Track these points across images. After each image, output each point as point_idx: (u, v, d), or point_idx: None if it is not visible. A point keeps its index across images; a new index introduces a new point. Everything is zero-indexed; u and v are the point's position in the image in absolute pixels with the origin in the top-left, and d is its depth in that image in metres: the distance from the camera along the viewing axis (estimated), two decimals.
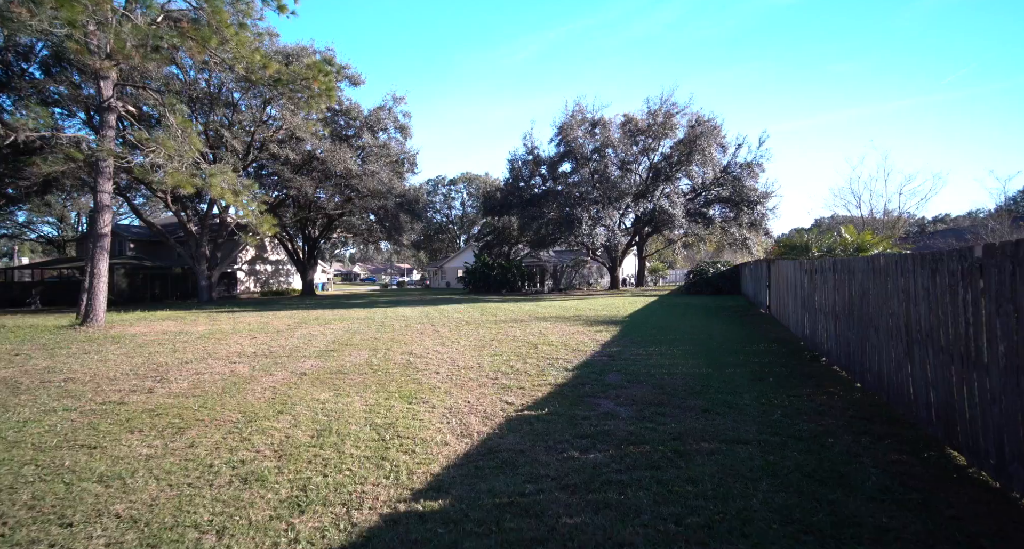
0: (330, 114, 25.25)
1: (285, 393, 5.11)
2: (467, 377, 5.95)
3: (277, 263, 40.44)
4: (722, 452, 3.38)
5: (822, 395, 5.00)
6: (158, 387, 5.50)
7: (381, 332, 10.59)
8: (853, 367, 5.69)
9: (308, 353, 7.80)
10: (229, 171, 12.30)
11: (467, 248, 47.27)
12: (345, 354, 7.71)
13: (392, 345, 8.65)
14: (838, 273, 6.39)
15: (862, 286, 5.43)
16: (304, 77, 13.88)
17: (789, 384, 5.49)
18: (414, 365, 6.72)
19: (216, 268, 25.66)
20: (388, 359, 7.22)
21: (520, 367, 6.51)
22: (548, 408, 4.53)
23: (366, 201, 27.79)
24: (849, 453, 3.36)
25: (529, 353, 7.57)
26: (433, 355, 7.53)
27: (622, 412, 4.40)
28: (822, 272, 7.23)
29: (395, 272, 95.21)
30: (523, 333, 9.98)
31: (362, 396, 4.99)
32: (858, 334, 5.50)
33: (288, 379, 5.86)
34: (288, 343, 9.04)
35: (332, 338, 9.72)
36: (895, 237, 12.11)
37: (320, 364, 6.81)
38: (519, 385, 5.49)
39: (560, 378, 5.84)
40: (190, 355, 7.67)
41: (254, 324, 12.81)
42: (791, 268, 9.92)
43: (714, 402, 4.71)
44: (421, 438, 3.72)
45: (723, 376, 5.91)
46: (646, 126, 28.06)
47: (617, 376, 5.94)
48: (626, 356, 7.26)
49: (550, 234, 28.21)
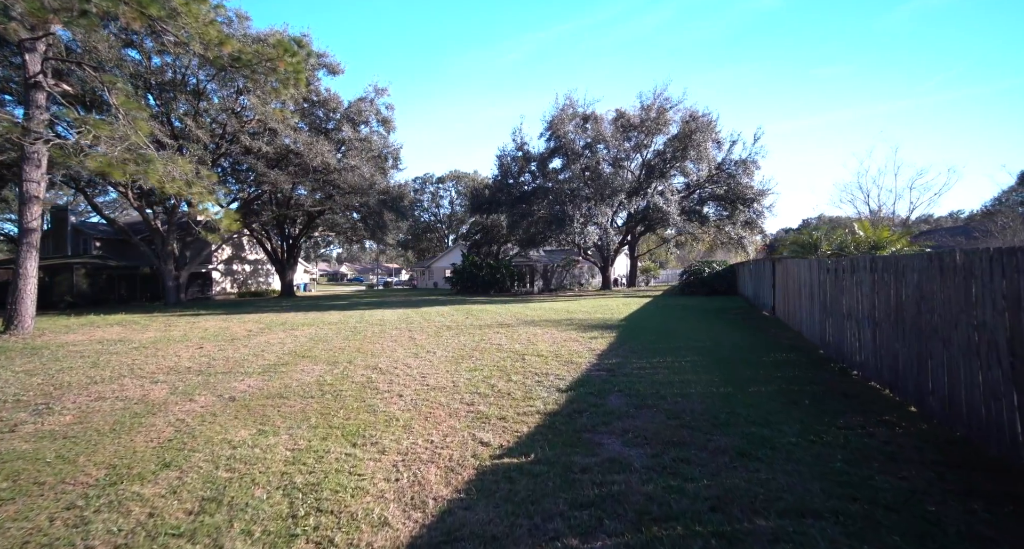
0: (307, 105, 23.83)
1: (191, 431, 3.92)
2: (436, 402, 4.82)
3: (256, 263, 38.75)
4: (789, 536, 2.30)
5: (878, 426, 3.98)
6: (30, 421, 4.27)
7: (349, 340, 9.39)
8: (904, 386, 4.69)
9: (252, 368, 6.59)
10: (181, 160, 10.97)
11: (455, 247, 46.03)
12: (297, 369, 6.52)
13: (356, 357, 7.47)
14: (878, 273, 5.40)
15: (919, 289, 4.43)
16: (268, 57, 12.58)
17: (830, 409, 4.46)
18: (375, 384, 5.56)
19: (185, 268, 24.09)
20: (346, 376, 6.05)
21: (502, 387, 5.40)
22: (535, 452, 3.43)
23: (348, 198, 26.41)
24: (973, 536, 2.31)
25: (514, 367, 6.46)
26: (401, 370, 6.38)
27: (633, 458, 3.32)
28: (853, 271, 6.24)
29: (383, 272, 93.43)
30: (509, 340, 8.87)
31: (293, 435, 3.83)
32: (912, 347, 4.50)
33: (209, 407, 4.66)
34: (236, 354, 7.80)
35: (290, 347, 8.51)
36: (912, 234, 11.24)
37: (260, 384, 5.62)
38: (499, 414, 4.38)
39: (551, 402, 4.74)
40: (108, 372, 6.40)
41: (211, 330, 11.50)
42: (805, 267, 8.97)
43: (749, 439, 3.65)
44: (350, 514, 2.58)
45: (747, 397, 4.87)
46: (639, 121, 27.12)
47: (620, 399, 4.87)
48: (627, 370, 6.20)
49: (540, 232, 27.13)
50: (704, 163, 26.54)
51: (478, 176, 53.07)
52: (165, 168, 10.57)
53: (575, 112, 26.83)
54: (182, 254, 23.94)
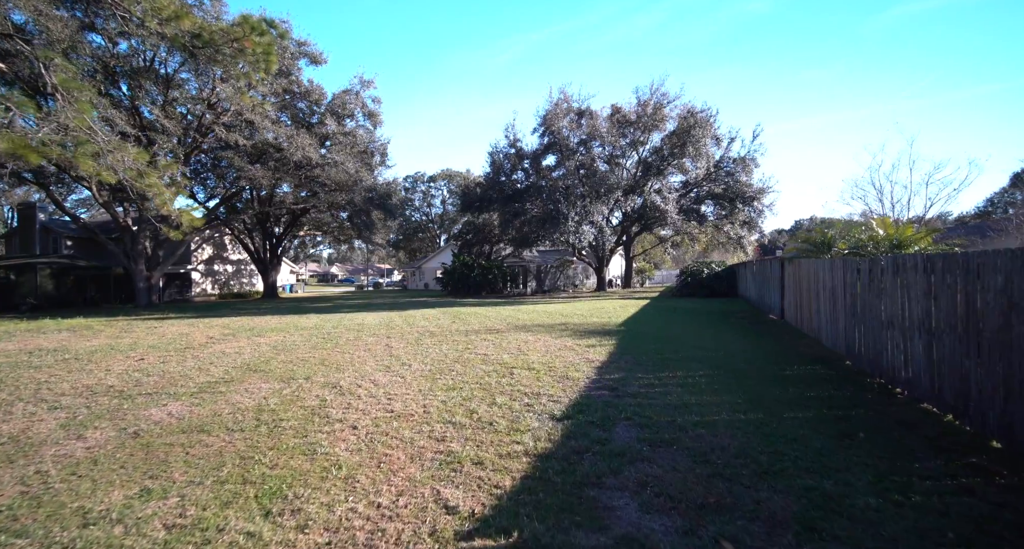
0: (289, 97, 22.66)
1: (45, 491, 2.84)
2: (397, 437, 3.81)
3: (239, 263, 37.31)
4: None
5: (970, 474, 3.04)
6: None
7: (317, 349, 8.34)
8: (979, 414, 3.77)
9: (185, 388, 5.52)
10: (131, 147, 9.84)
11: (446, 247, 44.94)
12: (240, 388, 5.46)
13: (318, 371, 6.43)
14: (937, 274, 4.50)
15: (1006, 294, 3.52)
16: (234, 37, 11.48)
17: (895, 445, 3.52)
18: (327, 410, 4.54)
19: (158, 268, 22.77)
20: (296, 398, 5.01)
21: (484, 413, 4.40)
22: (519, 527, 2.44)
23: (333, 195, 25.23)
24: None
25: (500, 385, 5.46)
26: (365, 390, 5.35)
27: (659, 536, 2.34)
28: (896, 272, 5.34)
29: (375, 273, 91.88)
30: (497, 350, 7.87)
31: (185, 497, 2.78)
32: (996, 367, 3.58)
33: (97, 448, 3.60)
34: (177, 368, 6.72)
35: (247, 358, 7.43)
36: (939, 232, 10.42)
37: (184, 411, 4.56)
38: (476, 456, 3.38)
39: (543, 437, 3.76)
40: (5, 394, 5.28)
41: (168, 337, 10.37)
42: (825, 268, 8.09)
43: (810, 498, 2.69)
44: None
45: (785, 427, 3.92)
46: (635, 118, 26.26)
47: (629, 430, 3.89)
48: (633, 388, 5.23)
49: (533, 232, 26.17)
50: (702, 160, 25.74)
51: (470, 175, 52.00)
52: (115, 156, 9.44)
53: (569, 107, 25.90)
54: (155, 253, 22.61)
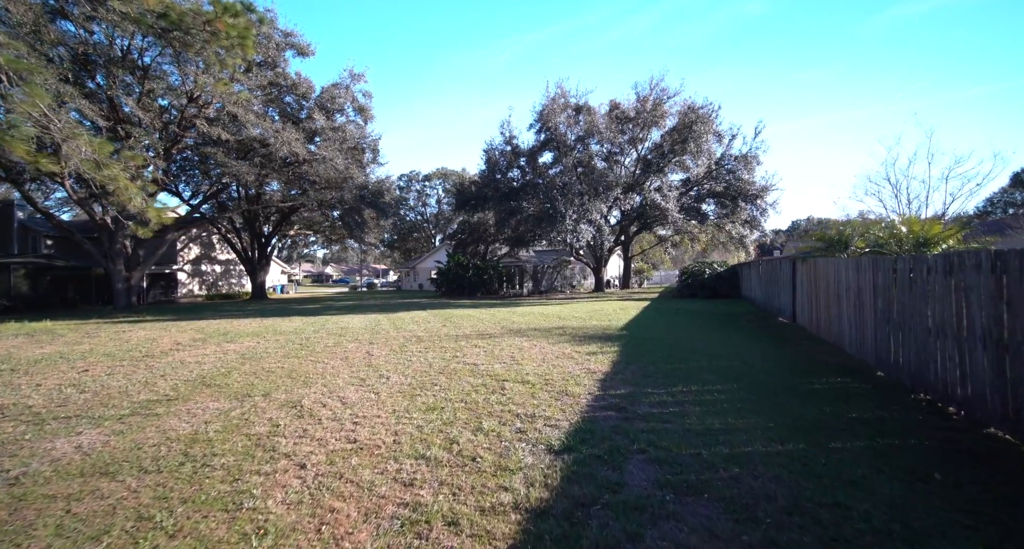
0: (275, 91, 21.78)
1: None
2: (353, 482, 3.01)
3: (228, 263, 36.35)
4: None
5: None
6: None
7: (289, 358, 7.52)
8: None
9: (118, 408, 4.69)
10: (88, 136, 9.01)
11: (441, 247, 44.11)
12: (182, 409, 4.64)
13: (281, 385, 5.61)
14: (1011, 273, 3.75)
15: None
16: (207, 19, 10.66)
17: (981, 490, 2.76)
18: (274, 442, 3.73)
19: (138, 268, 21.82)
20: (244, 423, 4.20)
21: (466, 443, 3.61)
22: None
23: (322, 193, 24.36)
24: None
25: (489, 404, 4.68)
26: (329, 411, 4.55)
27: None
28: (948, 272, 4.60)
29: (370, 273, 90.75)
30: (488, 358, 7.08)
31: None
32: None
33: None
34: (119, 382, 5.88)
35: (207, 369, 6.61)
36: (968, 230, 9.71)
37: (100, 441, 3.74)
38: (450, 513, 2.59)
39: (537, 481, 2.97)
40: None
41: (132, 342, 9.52)
42: (850, 268, 7.34)
43: None
44: None
45: (837, 466, 3.15)
46: (634, 114, 25.54)
47: (646, 470, 3.11)
48: (644, 409, 4.45)
49: (529, 231, 25.42)
50: (703, 157, 25.04)
51: (466, 173, 51.18)
52: (70, 144, 8.60)
53: (567, 102, 25.12)
54: (135, 253, 21.67)
